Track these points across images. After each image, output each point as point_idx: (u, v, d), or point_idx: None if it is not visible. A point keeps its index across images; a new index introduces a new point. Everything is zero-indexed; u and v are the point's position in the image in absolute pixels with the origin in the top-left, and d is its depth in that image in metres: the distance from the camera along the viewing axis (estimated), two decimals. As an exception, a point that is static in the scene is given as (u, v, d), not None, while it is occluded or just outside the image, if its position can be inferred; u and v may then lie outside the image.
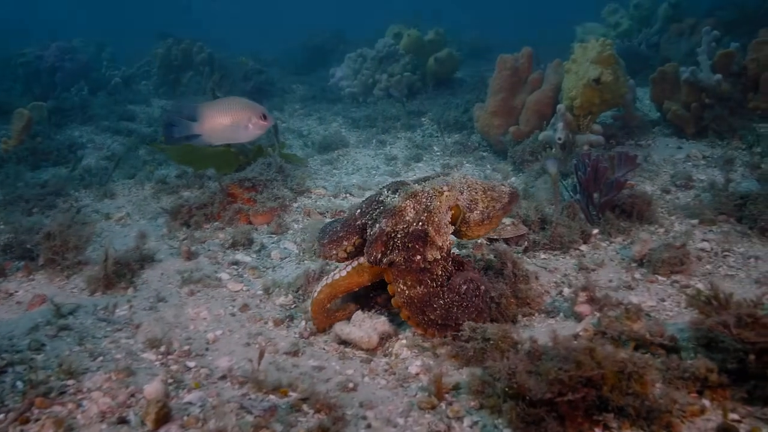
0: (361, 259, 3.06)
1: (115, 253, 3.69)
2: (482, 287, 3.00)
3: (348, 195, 5.20)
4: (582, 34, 12.27)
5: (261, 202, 4.53)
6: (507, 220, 4.20)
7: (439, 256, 2.95)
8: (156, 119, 8.90)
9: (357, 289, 3.13)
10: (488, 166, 6.41)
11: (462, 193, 3.12)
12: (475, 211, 3.13)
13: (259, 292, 3.57)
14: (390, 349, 3.03)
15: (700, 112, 6.66)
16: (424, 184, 3.10)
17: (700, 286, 3.45)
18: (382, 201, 3.09)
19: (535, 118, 6.72)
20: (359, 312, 3.20)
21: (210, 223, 4.51)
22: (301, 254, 4.08)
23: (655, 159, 5.91)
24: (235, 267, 3.89)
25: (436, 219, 2.97)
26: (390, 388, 2.71)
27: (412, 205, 2.98)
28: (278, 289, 3.55)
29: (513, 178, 5.91)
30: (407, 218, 2.96)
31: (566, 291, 3.53)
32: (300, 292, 3.47)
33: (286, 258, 4.07)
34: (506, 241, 4.14)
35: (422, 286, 2.90)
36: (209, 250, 4.13)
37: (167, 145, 5.11)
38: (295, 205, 4.87)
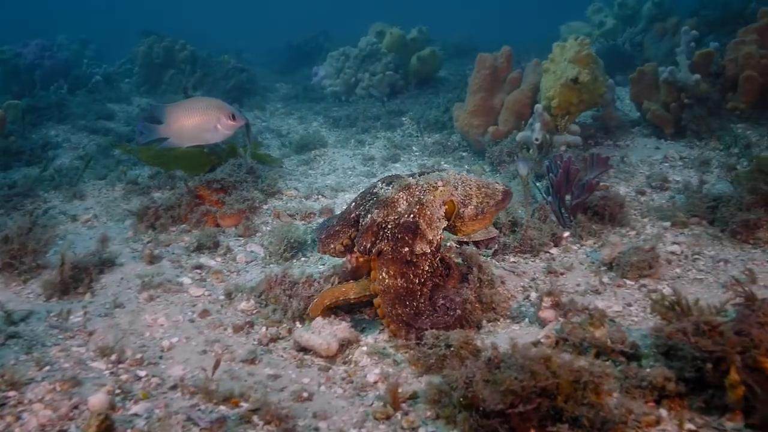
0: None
1: (74, 256, 3.61)
2: (457, 311, 2.98)
3: (320, 196, 5.13)
4: (566, 33, 12.24)
5: (229, 204, 4.45)
6: (477, 223, 4.14)
7: (428, 250, 2.96)
8: (134, 118, 8.78)
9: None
10: (465, 166, 6.36)
11: (456, 189, 3.15)
12: (470, 206, 3.17)
13: (221, 297, 3.49)
14: (350, 356, 2.97)
15: (678, 112, 6.64)
16: (418, 178, 3.15)
17: (667, 290, 3.41)
18: (376, 193, 3.13)
19: (514, 118, 6.68)
20: (319, 318, 3.14)
21: (177, 226, 4.43)
22: (268, 257, 4.01)
23: (633, 160, 5.87)
24: (199, 271, 3.81)
25: (428, 212, 3.00)
26: (346, 398, 2.65)
27: (404, 197, 3.04)
28: (241, 294, 3.47)
29: (489, 179, 5.85)
30: (399, 209, 3.00)
31: (533, 295, 3.47)
32: (262, 297, 3.39)
33: (252, 261, 3.99)
34: (476, 244, 4.09)
35: (403, 280, 2.90)
36: (173, 253, 4.04)
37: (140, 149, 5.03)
38: (266, 206, 4.80)
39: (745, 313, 2.51)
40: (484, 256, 3.90)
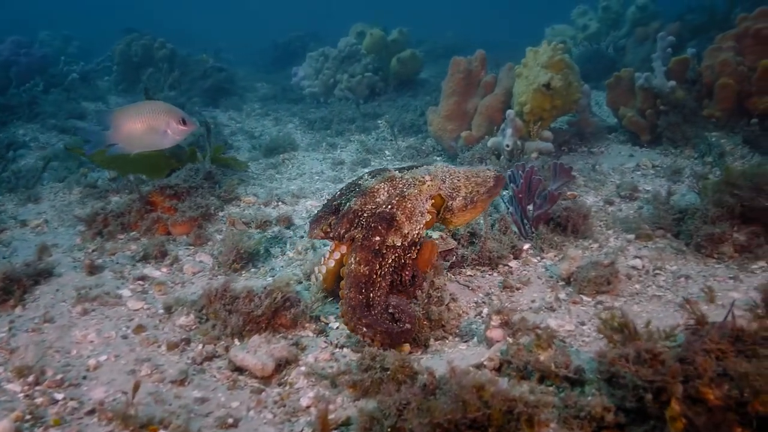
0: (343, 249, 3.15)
1: (8, 266, 3.45)
2: (406, 325, 2.92)
3: (280, 203, 4.98)
4: (551, 35, 12.15)
5: (182, 210, 4.30)
6: (435, 234, 4.02)
7: (399, 243, 2.97)
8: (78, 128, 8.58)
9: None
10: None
11: (444, 182, 3.19)
12: (458, 198, 3.20)
13: (161, 311, 3.34)
14: (286, 378, 2.83)
15: (654, 119, 6.54)
16: (405, 172, 3.18)
17: (623, 308, 3.29)
18: (360, 184, 3.18)
19: (487, 124, 6.55)
20: (257, 336, 3.00)
21: (126, 233, 4.28)
22: (216, 268, 3.86)
23: (605, 167, 5.76)
24: (141, 282, 3.66)
25: (409, 205, 3.00)
26: (275, 424, 2.52)
27: (386, 189, 3.07)
28: (181, 308, 3.32)
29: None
30: (378, 200, 3.04)
31: (486, 312, 3.34)
32: (203, 311, 3.25)
33: (199, 272, 3.84)
34: (434, 255, 3.95)
35: (367, 268, 2.91)
36: (117, 263, 3.89)
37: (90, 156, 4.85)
38: (222, 213, 4.65)
39: (691, 339, 2.39)
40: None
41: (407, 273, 3.11)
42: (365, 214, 3.00)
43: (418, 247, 3.13)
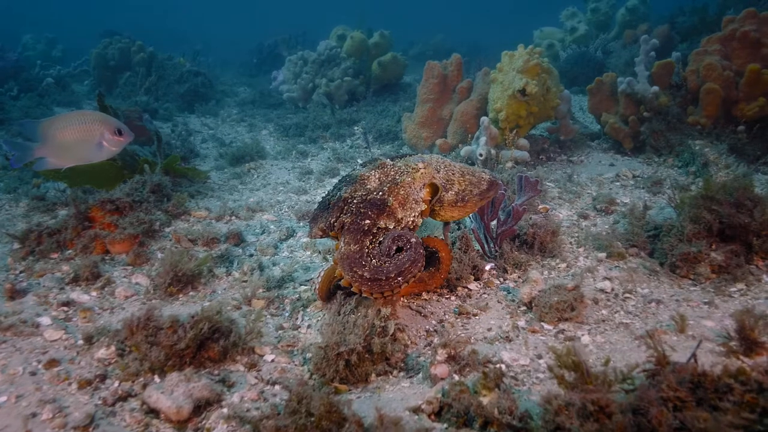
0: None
1: None
2: (413, 239, 2.82)
3: (233, 218, 4.69)
4: (540, 38, 11.88)
5: (121, 227, 4.01)
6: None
7: (392, 227, 2.87)
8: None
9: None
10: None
11: (438, 172, 3.07)
12: (450, 192, 3.07)
13: (80, 342, 3.05)
14: (204, 422, 2.54)
15: (637, 126, 6.26)
16: (397, 160, 3.08)
17: (585, 338, 3.00)
18: (351, 174, 3.08)
19: (463, 131, 6.27)
20: (176, 373, 2.71)
21: (61, 252, 3.99)
22: (152, 291, 3.57)
23: (583, 178, 5.47)
24: (66, 308, 3.37)
25: (402, 192, 2.90)
26: (182, 479, 2.23)
27: (377, 176, 2.98)
28: (103, 338, 3.03)
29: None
30: (369, 186, 2.94)
31: (437, 341, 3.05)
32: (125, 343, 2.95)
33: (132, 297, 3.55)
34: (388, 276, 3.67)
35: (356, 246, 2.81)
36: (43, 286, 3.60)
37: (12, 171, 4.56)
38: (168, 229, 4.36)
39: (647, 387, 2.11)
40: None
41: (384, 248, 2.92)
42: (355, 201, 2.90)
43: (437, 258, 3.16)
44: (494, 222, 3.91)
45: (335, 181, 5.96)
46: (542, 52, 5.89)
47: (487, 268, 3.76)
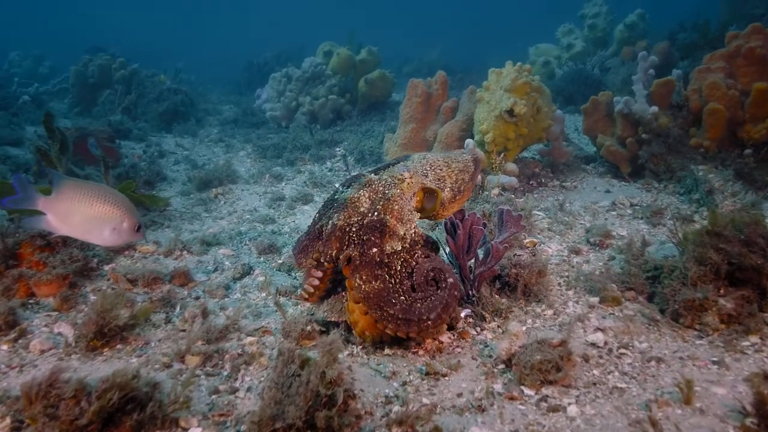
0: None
1: None
2: (450, 279, 2.78)
3: (184, 252, 4.22)
4: (535, 55, 11.50)
5: (51, 265, 3.55)
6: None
7: (400, 248, 2.77)
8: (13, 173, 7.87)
9: None
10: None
11: (426, 176, 2.96)
12: (446, 189, 2.99)
13: (-32, 413, 2.57)
14: None
15: (635, 148, 5.81)
16: (381, 172, 2.95)
17: (572, 409, 2.52)
18: (336, 198, 2.93)
19: (448, 154, 5.83)
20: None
21: (-20, 295, 3.51)
22: (75, 343, 3.09)
23: (576, 206, 5.01)
24: (-33, 367, 2.89)
25: (396, 207, 2.80)
26: None
27: (367, 195, 2.83)
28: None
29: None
30: (361, 209, 2.80)
31: (394, 413, 2.57)
32: (23, 415, 2.47)
33: (49, 351, 3.07)
34: (348, 324, 3.20)
35: (378, 281, 2.69)
36: (-53, 338, 3.13)
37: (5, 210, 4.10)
38: (108, 267, 3.89)
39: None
40: (347, 348, 3.01)
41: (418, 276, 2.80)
42: (353, 228, 2.76)
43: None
44: (472, 261, 3.44)
45: (307, 208, 5.51)
46: (531, 69, 5.46)
47: (463, 315, 3.29)
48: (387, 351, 3.04)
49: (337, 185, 2.91)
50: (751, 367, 2.76)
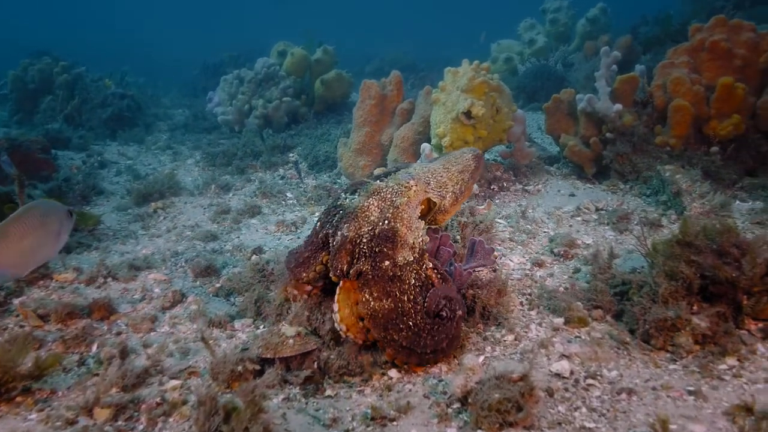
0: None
1: None
2: (459, 311, 2.71)
3: (109, 279, 3.79)
4: (497, 52, 11.26)
5: (-52, 304, 3.11)
6: (291, 331, 2.90)
7: (412, 258, 2.66)
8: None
9: None
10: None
11: (429, 184, 2.91)
12: (447, 195, 2.96)
13: None
14: None
15: (600, 148, 5.56)
16: (386, 179, 2.86)
17: (534, 459, 2.20)
18: (341, 205, 2.80)
19: (405, 158, 5.50)
20: None
21: None
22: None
23: (539, 213, 4.73)
24: None
25: (406, 216, 2.71)
26: None
27: (376, 204, 2.73)
28: None
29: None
30: (372, 218, 2.69)
31: (333, 470, 2.22)
32: None
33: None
34: (287, 362, 2.84)
35: (389, 300, 2.57)
36: None
37: None
38: (17, 301, 3.45)
39: None
40: (280, 389, 2.66)
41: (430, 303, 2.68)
42: (364, 240, 2.64)
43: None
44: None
45: (254, 222, 5.12)
46: (489, 67, 5.15)
47: (415, 345, 2.95)
48: (328, 392, 2.70)
49: (340, 192, 2.89)
50: (730, 397, 2.49)
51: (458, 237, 3.81)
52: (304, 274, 2.82)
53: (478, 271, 3.29)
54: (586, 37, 10.39)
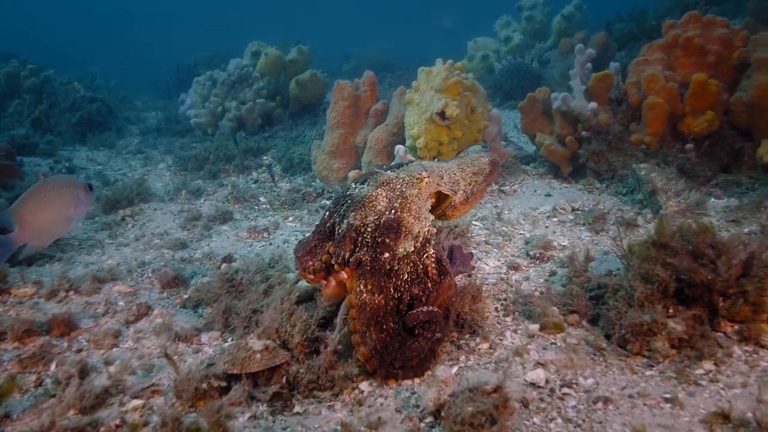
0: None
1: None
2: (438, 335, 2.67)
3: (72, 293, 3.64)
4: (473, 49, 11.21)
5: None
6: (258, 344, 2.80)
7: (412, 248, 2.63)
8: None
9: None
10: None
11: (442, 177, 2.87)
12: (459, 192, 2.93)
13: None
14: None
15: (575, 147, 5.52)
16: (398, 171, 2.82)
17: (508, 475, 2.13)
18: (351, 195, 2.78)
19: (379, 160, 5.42)
20: None
21: None
22: None
23: (514, 214, 4.67)
24: None
25: (414, 207, 2.67)
26: None
27: (384, 194, 2.70)
28: None
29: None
30: (379, 208, 2.67)
31: (300, 493, 2.13)
32: None
33: None
34: (254, 377, 2.74)
35: (381, 296, 2.56)
36: None
37: None
38: (-27, 318, 3.30)
39: None
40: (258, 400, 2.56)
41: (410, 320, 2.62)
42: (368, 229, 2.62)
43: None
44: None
45: (225, 228, 5.00)
46: (464, 66, 5.08)
47: (387, 356, 2.86)
48: (297, 408, 2.60)
49: (351, 182, 2.83)
50: (707, 403, 2.44)
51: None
52: (311, 263, 2.81)
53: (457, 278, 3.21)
54: (561, 34, 10.39)
